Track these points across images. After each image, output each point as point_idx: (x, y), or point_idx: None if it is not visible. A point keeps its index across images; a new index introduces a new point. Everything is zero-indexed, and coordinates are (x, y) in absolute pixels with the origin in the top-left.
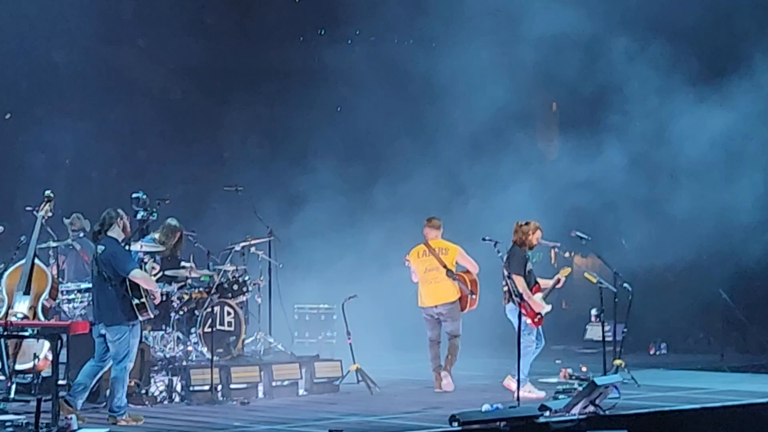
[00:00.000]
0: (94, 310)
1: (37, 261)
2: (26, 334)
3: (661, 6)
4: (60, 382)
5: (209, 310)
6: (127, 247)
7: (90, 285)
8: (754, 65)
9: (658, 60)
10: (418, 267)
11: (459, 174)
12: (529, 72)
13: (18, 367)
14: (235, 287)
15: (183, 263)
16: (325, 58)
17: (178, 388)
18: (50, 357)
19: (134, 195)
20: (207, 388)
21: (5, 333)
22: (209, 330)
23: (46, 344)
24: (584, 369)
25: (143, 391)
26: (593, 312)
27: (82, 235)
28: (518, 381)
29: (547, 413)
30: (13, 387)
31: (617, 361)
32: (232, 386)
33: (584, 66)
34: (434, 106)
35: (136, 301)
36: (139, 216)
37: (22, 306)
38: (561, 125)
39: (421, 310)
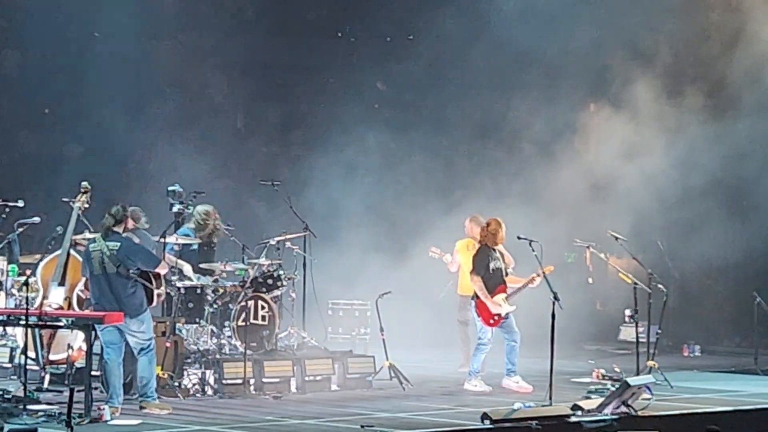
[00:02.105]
0: (103, 307)
1: (72, 252)
2: (61, 324)
3: None
4: (93, 372)
5: (243, 303)
6: (162, 240)
7: None
8: None
9: None
10: (464, 259)
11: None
12: None
13: (52, 357)
14: (270, 281)
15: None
16: (362, 54)
17: (211, 381)
18: (84, 348)
19: (170, 188)
20: (240, 381)
21: (40, 323)
22: (243, 324)
23: (80, 335)
24: (617, 369)
25: (176, 384)
26: (627, 313)
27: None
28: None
29: (580, 413)
30: (47, 377)
31: (650, 362)
32: (264, 380)
33: None
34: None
35: (158, 291)
36: (174, 209)
37: (57, 296)
38: None
39: (459, 296)
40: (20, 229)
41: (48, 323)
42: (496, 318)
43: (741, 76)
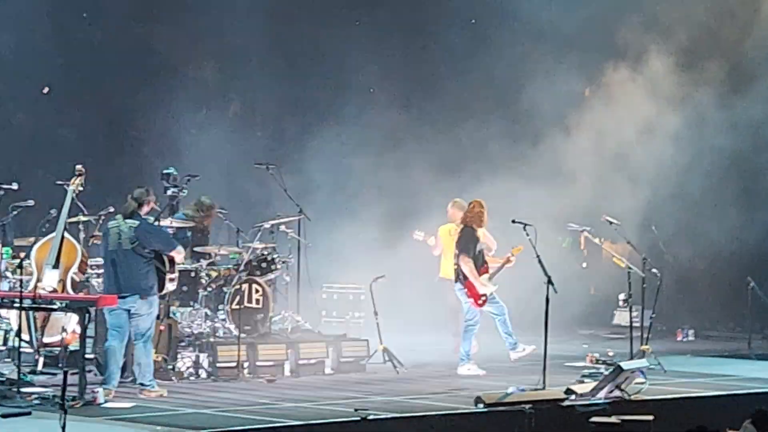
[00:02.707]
0: (117, 284)
1: (67, 235)
2: (55, 307)
3: None
4: (87, 355)
5: (237, 287)
6: (156, 223)
7: None
8: None
9: None
10: (447, 244)
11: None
12: None
13: (46, 339)
14: (264, 265)
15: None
16: (361, 42)
17: (205, 364)
18: (78, 330)
19: (165, 171)
20: (234, 364)
21: (34, 306)
22: (237, 307)
23: (74, 318)
24: (611, 354)
25: (170, 367)
26: (621, 297)
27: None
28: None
29: (573, 397)
30: (41, 360)
31: (644, 347)
32: (258, 363)
33: None
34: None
35: (171, 275)
36: (169, 192)
37: (51, 279)
38: None
39: (443, 279)
40: (14, 212)
41: (42, 306)
42: (483, 298)
43: (759, 54)
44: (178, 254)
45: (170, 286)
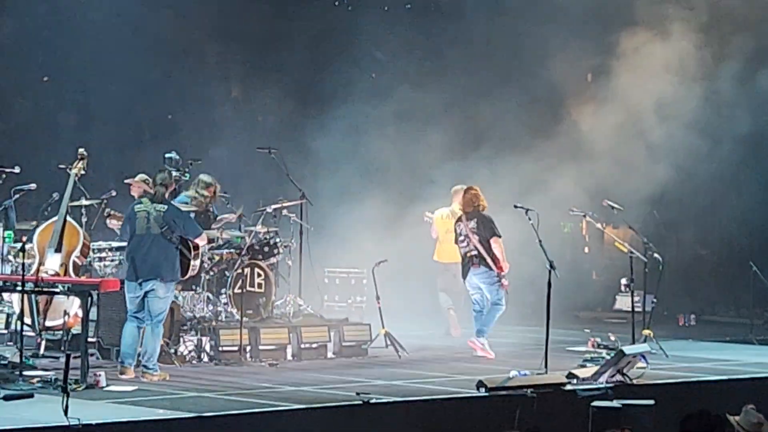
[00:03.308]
0: (142, 267)
1: (69, 218)
2: (57, 290)
3: None
4: (89, 339)
5: (240, 271)
6: None
7: (122, 244)
8: None
9: None
10: (440, 228)
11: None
12: None
13: (48, 323)
14: (266, 249)
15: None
16: (359, 23)
17: (207, 348)
18: (80, 314)
19: (167, 155)
20: (236, 348)
21: (36, 289)
22: (239, 291)
23: (77, 301)
24: (612, 338)
25: (172, 351)
26: (623, 282)
27: None
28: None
29: (575, 381)
30: (43, 343)
31: (646, 331)
32: (261, 347)
33: None
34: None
35: (194, 262)
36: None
37: (53, 263)
38: None
39: (436, 262)
40: (16, 196)
41: (44, 289)
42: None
43: None
44: (202, 240)
45: (192, 272)
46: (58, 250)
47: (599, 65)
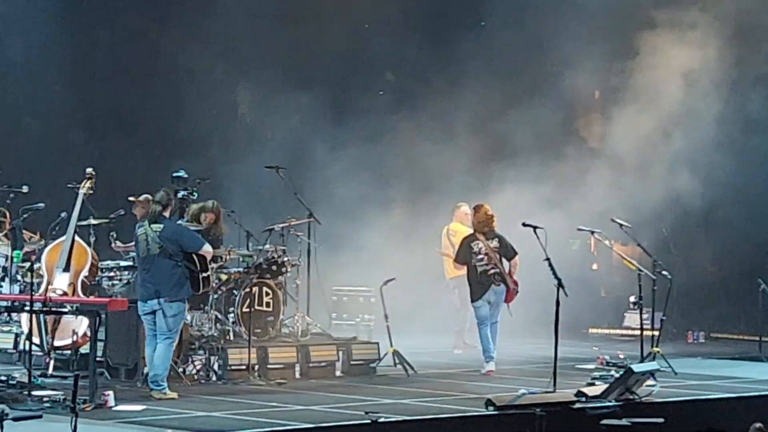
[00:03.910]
0: (145, 288)
1: (77, 238)
2: (65, 310)
3: None
4: (98, 358)
5: (248, 290)
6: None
7: (129, 264)
8: None
9: None
10: (445, 245)
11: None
12: None
13: (57, 343)
14: (274, 268)
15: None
16: (373, 45)
17: (216, 367)
18: (89, 334)
19: (175, 174)
20: (244, 367)
21: (44, 309)
22: (247, 310)
23: (85, 321)
24: (621, 356)
25: (180, 370)
26: (632, 299)
27: None
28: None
29: (584, 399)
30: (52, 363)
31: (655, 349)
32: (269, 366)
33: None
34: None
35: (204, 274)
36: (179, 195)
37: (61, 282)
38: None
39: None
40: (25, 215)
41: (53, 309)
42: None
43: None
44: (207, 252)
45: (206, 286)
46: (66, 269)
47: (613, 81)
